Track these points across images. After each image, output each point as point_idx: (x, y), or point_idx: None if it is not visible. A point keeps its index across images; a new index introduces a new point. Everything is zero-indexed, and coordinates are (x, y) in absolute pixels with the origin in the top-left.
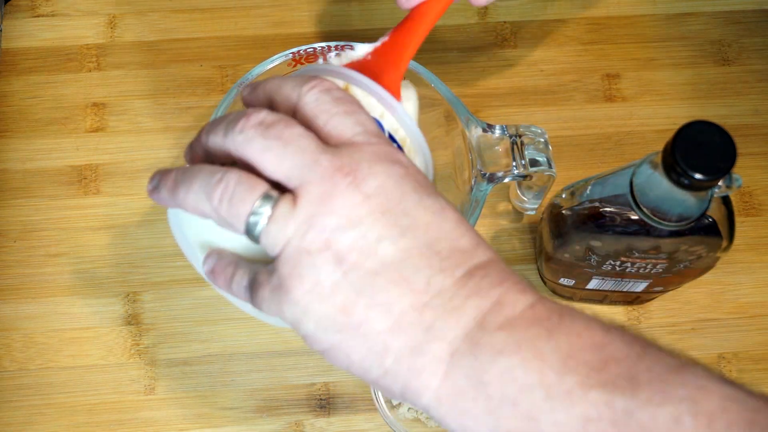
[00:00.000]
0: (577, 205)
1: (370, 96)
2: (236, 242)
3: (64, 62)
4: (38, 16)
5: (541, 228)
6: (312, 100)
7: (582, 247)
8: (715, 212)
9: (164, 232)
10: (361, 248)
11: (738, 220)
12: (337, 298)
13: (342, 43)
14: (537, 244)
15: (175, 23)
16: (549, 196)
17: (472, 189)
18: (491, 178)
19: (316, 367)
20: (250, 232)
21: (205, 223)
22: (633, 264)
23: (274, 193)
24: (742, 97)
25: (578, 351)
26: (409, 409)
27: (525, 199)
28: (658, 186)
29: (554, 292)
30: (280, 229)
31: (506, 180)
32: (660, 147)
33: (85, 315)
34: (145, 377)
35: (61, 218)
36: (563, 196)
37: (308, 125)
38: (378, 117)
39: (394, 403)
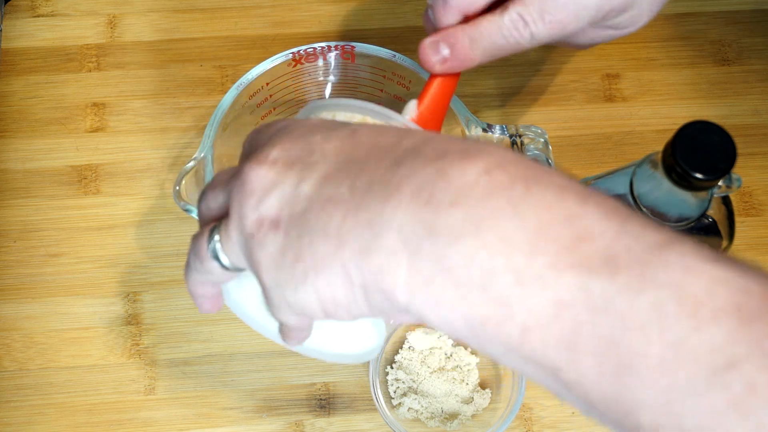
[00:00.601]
0: None
1: (348, 112)
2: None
3: (64, 62)
4: (38, 16)
5: None
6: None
7: None
8: (715, 212)
9: (164, 232)
10: (287, 201)
11: (738, 220)
12: (289, 255)
13: (342, 43)
14: None
15: (175, 23)
16: None
17: None
18: None
19: (316, 367)
20: (220, 263)
21: (250, 290)
22: None
23: (219, 224)
24: (742, 97)
25: (548, 227)
26: (409, 409)
27: None
28: (658, 186)
29: None
30: (228, 240)
31: None
32: (660, 147)
33: (85, 315)
34: (145, 377)
35: (61, 218)
36: None
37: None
38: None
39: (394, 403)
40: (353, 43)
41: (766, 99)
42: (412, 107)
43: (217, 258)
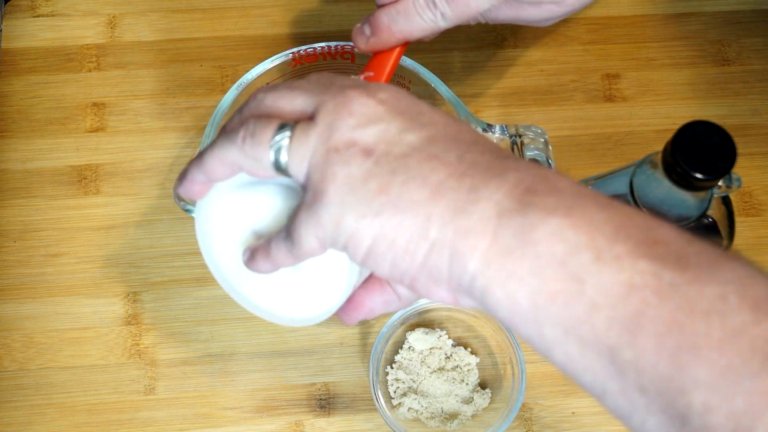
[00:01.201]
0: None
1: None
2: (264, 218)
3: (64, 62)
4: (38, 16)
5: None
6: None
7: None
8: (715, 212)
9: (164, 232)
10: (387, 139)
11: (738, 220)
12: (372, 183)
13: (342, 43)
14: None
15: (175, 23)
16: None
17: None
18: None
19: (316, 367)
20: (277, 162)
21: (229, 223)
22: None
23: (291, 121)
24: (742, 97)
25: (629, 227)
26: (409, 409)
27: None
28: (658, 186)
29: None
30: (303, 145)
31: None
32: (660, 147)
33: (85, 315)
34: (145, 377)
35: (61, 218)
36: None
37: None
38: None
39: (394, 403)
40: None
41: (766, 99)
42: None
43: (277, 152)
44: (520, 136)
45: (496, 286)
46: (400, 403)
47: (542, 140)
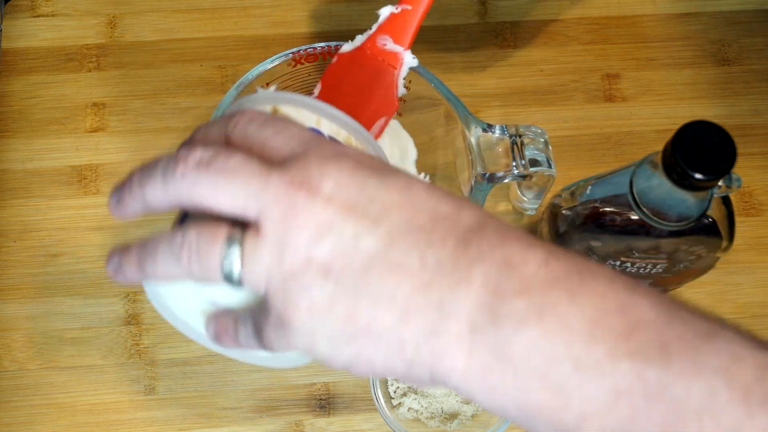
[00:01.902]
0: (577, 205)
1: (300, 108)
2: (223, 294)
3: (64, 62)
4: (38, 16)
5: (541, 228)
6: (239, 133)
7: (582, 247)
8: (715, 212)
9: None
10: (342, 251)
11: (738, 220)
12: (338, 310)
13: (342, 43)
14: None
15: (175, 23)
16: (549, 196)
17: (472, 189)
18: (491, 178)
19: (316, 367)
20: (229, 279)
21: (186, 289)
22: (633, 264)
23: (237, 232)
24: (742, 97)
25: (604, 316)
26: (409, 409)
27: (525, 199)
28: (658, 186)
29: None
30: (256, 263)
31: (506, 180)
32: (660, 147)
33: (85, 315)
34: (145, 377)
35: (61, 218)
36: (563, 196)
37: None
38: (315, 125)
39: (395, 403)
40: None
41: (766, 99)
42: (386, 12)
43: (229, 272)
44: (520, 136)
45: (481, 398)
46: (400, 403)
47: (542, 140)
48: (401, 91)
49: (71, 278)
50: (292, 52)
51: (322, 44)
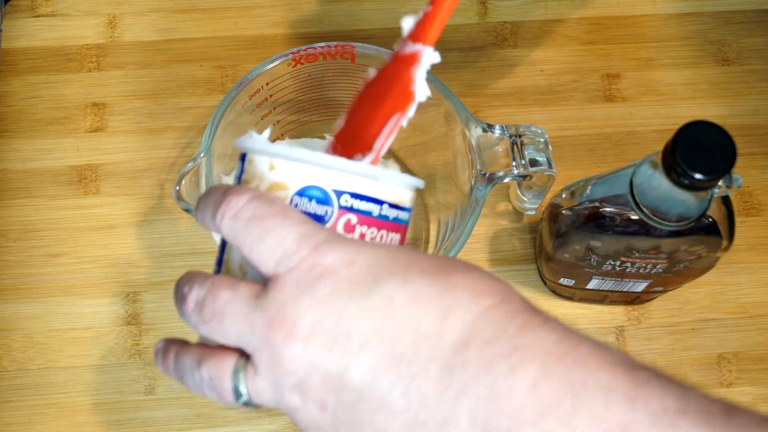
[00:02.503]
0: (577, 205)
1: (295, 163)
2: None
3: (64, 62)
4: (38, 16)
5: (541, 228)
6: (227, 233)
7: (582, 247)
8: (715, 212)
9: (164, 232)
10: (331, 388)
11: (738, 220)
12: None
13: (342, 43)
14: (537, 244)
15: (175, 23)
16: (549, 196)
17: (472, 189)
18: (491, 178)
19: None
20: (245, 405)
21: None
22: (633, 264)
23: (240, 363)
24: (742, 97)
25: None
26: None
27: (525, 199)
28: (658, 186)
29: (554, 292)
30: (262, 399)
31: (506, 180)
32: (660, 147)
33: (85, 315)
34: (145, 377)
35: (61, 218)
36: (563, 196)
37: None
38: (312, 183)
39: None
40: (353, 43)
41: (766, 99)
42: (410, 22)
43: (239, 397)
44: (520, 136)
45: None
46: None
47: (542, 140)
48: (426, 92)
49: (71, 278)
50: (292, 52)
51: (322, 44)
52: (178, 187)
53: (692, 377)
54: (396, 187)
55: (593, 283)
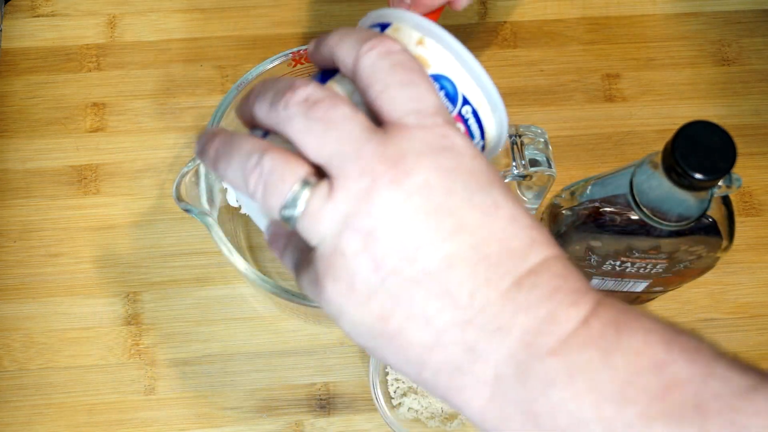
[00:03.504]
0: (577, 205)
1: (448, 51)
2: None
3: (64, 62)
4: (38, 16)
5: None
6: (367, 65)
7: (582, 247)
8: (715, 212)
9: (164, 232)
10: (400, 254)
11: (738, 220)
12: (374, 305)
13: None
14: None
15: (175, 23)
16: (549, 196)
17: None
18: None
19: (316, 367)
20: (286, 220)
21: None
22: (633, 264)
23: (312, 178)
24: (742, 97)
25: (637, 375)
26: (409, 409)
27: (525, 199)
28: (658, 186)
29: None
30: (314, 224)
31: (506, 180)
32: (660, 147)
33: (85, 315)
34: (145, 377)
35: (61, 218)
36: (563, 196)
37: (362, 94)
38: (448, 75)
39: (395, 403)
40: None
41: (766, 99)
42: None
43: (288, 216)
44: (520, 136)
45: None
46: (400, 403)
47: (542, 140)
48: None
49: (71, 278)
50: (292, 52)
51: None
52: (177, 188)
53: None
54: (494, 124)
55: (593, 283)
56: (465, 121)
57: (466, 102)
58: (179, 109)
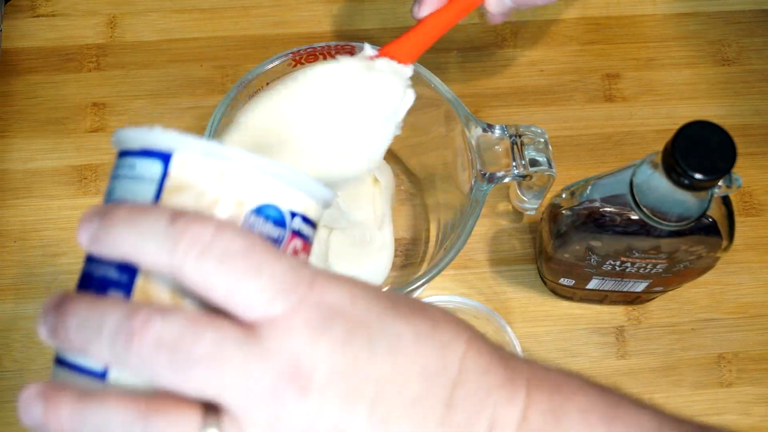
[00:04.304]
0: (577, 205)
1: (252, 172)
2: None
3: (64, 62)
4: (38, 16)
5: (541, 228)
6: (193, 272)
7: (582, 247)
8: (715, 212)
9: None
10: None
11: (738, 220)
12: None
13: (342, 43)
14: (537, 244)
15: (175, 23)
16: (549, 196)
17: (472, 189)
18: (491, 178)
19: None
20: None
21: None
22: (633, 264)
23: (210, 420)
24: (742, 97)
25: None
26: None
27: (525, 199)
28: (658, 186)
29: (554, 292)
30: None
31: (506, 180)
32: (660, 147)
33: None
34: None
35: (61, 218)
36: (563, 196)
37: (201, 297)
38: (268, 201)
39: None
40: (353, 43)
41: (766, 99)
42: (368, 51)
43: None
44: (520, 136)
45: None
46: None
47: (542, 140)
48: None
49: (71, 278)
50: (292, 52)
51: (322, 44)
52: None
53: (692, 377)
54: (320, 208)
55: (593, 283)
56: (299, 234)
57: (294, 215)
58: (179, 109)
